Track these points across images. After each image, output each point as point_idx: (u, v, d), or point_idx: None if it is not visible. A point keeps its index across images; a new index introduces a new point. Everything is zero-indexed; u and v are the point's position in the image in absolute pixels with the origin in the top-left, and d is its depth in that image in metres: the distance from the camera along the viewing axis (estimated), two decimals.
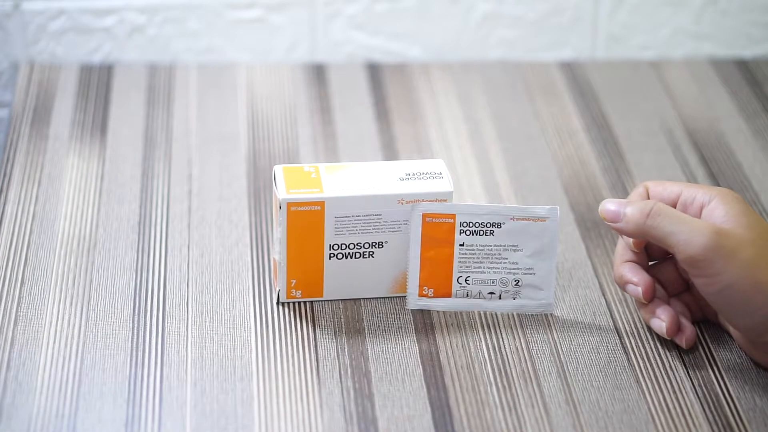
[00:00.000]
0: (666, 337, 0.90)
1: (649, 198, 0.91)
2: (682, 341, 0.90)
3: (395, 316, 0.93)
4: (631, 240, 0.91)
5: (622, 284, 0.90)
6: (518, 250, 0.92)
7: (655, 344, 0.91)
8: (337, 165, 0.93)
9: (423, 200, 0.91)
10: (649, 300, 0.90)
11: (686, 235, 0.85)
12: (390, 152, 1.12)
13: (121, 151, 1.10)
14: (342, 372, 0.88)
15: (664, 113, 1.19)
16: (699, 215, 0.88)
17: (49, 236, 0.99)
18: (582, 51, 1.27)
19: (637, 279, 0.89)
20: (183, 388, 0.86)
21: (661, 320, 0.89)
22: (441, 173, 0.92)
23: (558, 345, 0.91)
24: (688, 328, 0.90)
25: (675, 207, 0.89)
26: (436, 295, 0.93)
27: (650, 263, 0.92)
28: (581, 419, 0.85)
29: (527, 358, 0.90)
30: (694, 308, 0.92)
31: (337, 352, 0.90)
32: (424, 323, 0.92)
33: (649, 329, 0.92)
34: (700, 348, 0.91)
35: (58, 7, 1.21)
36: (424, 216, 0.91)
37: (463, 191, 1.07)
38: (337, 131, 1.15)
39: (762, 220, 0.87)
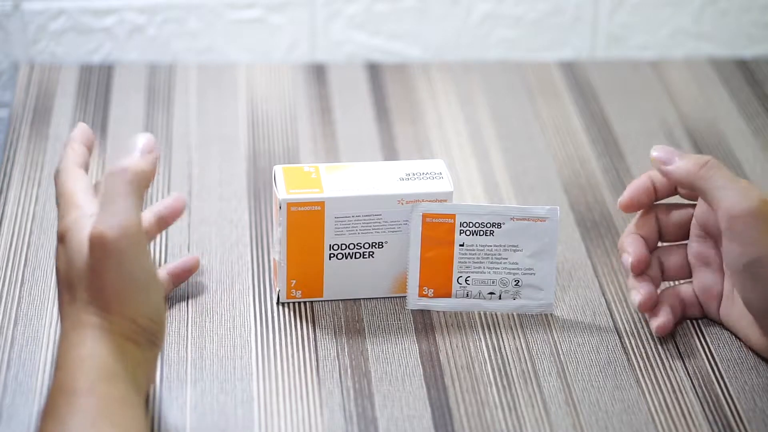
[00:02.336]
0: (639, 310, 0.90)
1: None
2: (654, 325, 0.90)
3: (395, 316, 0.93)
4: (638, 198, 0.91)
5: (620, 253, 0.91)
6: (518, 251, 0.92)
7: (655, 344, 0.91)
8: (337, 165, 0.93)
9: (423, 200, 0.91)
10: (637, 273, 0.90)
11: (734, 194, 0.84)
12: (390, 152, 1.12)
13: (121, 151, 1.10)
14: (342, 372, 0.88)
15: (664, 113, 1.19)
16: None
17: (49, 237, 0.99)
18: (582, 51, 1.27)
19: (632, 249, 0.90)
20: (183, 388, 0.86)
21: (639, 293, 0.89)
22: (441, 173, 0.92)
23: (558, 345, 0.91)
24: (665, 316, 0.90)
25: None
26: (436, 295, 0.93)
27: (660, 245, 0.92)
28: (581, 419, 0.85)
29: (527, 358, 0.90)
30: (692, 303, 0.92)
31: (337, 352, 0.90)
32: (424, 323, 0.92)
33: (649, 329, 0.92)
34: (700, 348, 0.91)
35: (58, 7, 1.21)
36: (424, 216, 0.91)
37: (463, 191, 1.07)
38: (337, 131, 1.15)
39: None
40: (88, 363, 0.75)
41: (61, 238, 0.79)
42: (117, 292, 0.76)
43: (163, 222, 0.92)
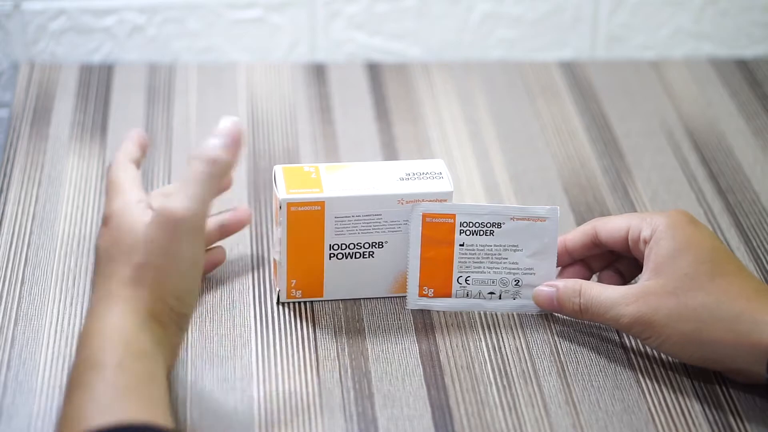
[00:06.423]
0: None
1: (598, 236, 0.91)
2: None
3: (395, 316, 0.93)
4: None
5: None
6: (518, 250, 0.92)
7: None
8: (337, 165, 0.93)
9: (423, 200, 0.91)
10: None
11: (614, 311, 0.87)
12: (390, 152, 1.12)
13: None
14: (342, 372, 0.88)
15: (664, 113, 1.19)
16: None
17: (50, 236, 0.99)
18: (582, 51, 1.27)
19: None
20: (183, 388, 0.86)
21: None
22: (441, 173, 0.92)
23: (558, 345, 0.91)
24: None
25: (627, 243, 0.90)
26: (436, 295, 0.93)
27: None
28: (581, 419, 0.85)
29: (527, 358, 0.90)
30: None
31: (337, 352, 0.90)
32: (424, 323, 0.92)
33: None
34: None
35: (58, 7, 1.21)
36: (424, 216, 0.91)
37: (463, 191, 1.07)
38: (337, 131, 1.15)
39: (697, 249, 0.86)
40: (114, 336, 0.77)
41: (107, 221, 0.81)
42: (157, 268, 0.78)
43: (225, 230, 0.95)
